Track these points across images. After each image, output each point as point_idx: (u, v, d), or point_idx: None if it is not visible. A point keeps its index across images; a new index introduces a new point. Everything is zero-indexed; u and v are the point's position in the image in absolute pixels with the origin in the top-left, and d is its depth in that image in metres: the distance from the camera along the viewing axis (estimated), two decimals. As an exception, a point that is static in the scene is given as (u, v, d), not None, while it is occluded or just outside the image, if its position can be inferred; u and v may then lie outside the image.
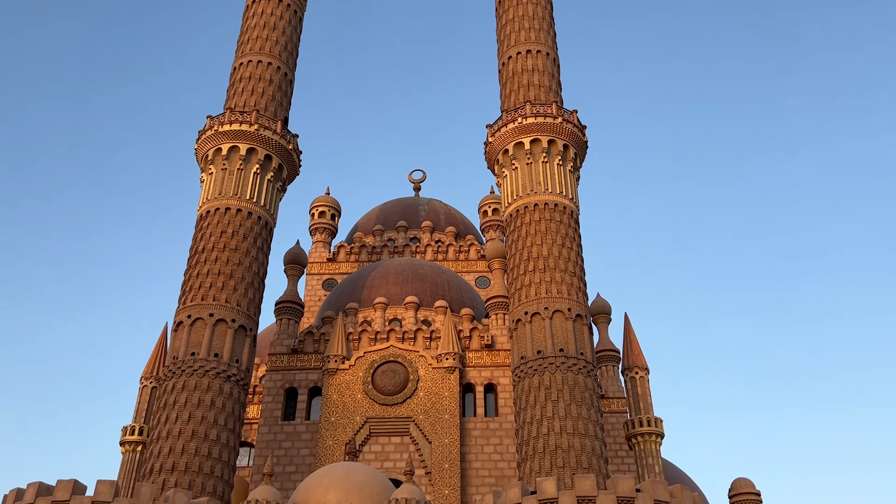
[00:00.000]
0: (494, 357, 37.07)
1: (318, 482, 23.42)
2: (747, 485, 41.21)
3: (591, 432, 28.05)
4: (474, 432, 35.38)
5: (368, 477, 23.75)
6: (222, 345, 30.67)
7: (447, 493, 33.13)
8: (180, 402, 29.18)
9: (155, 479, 27.87)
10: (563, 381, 28.86)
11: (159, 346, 43.90)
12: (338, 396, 35.22)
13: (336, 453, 33.42)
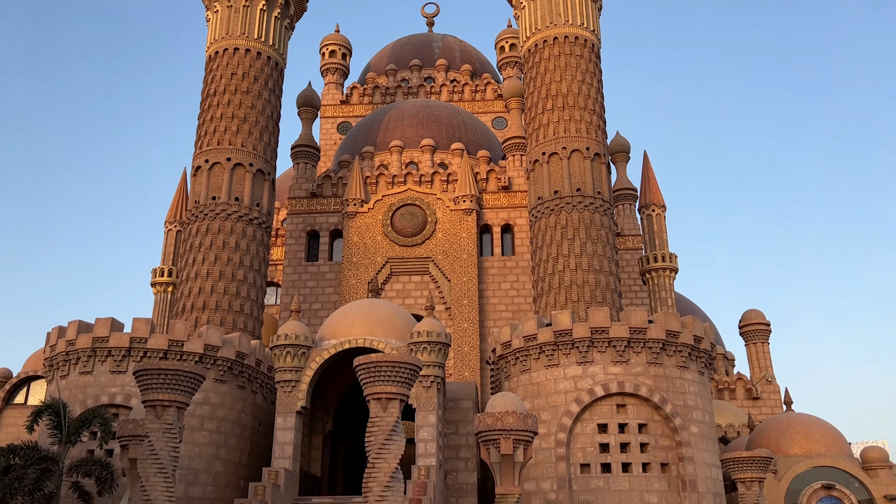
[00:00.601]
0: (511, 198, 37.25)
1: (343, 317, 24.47)
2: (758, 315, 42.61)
3: (606, 268, 28.68)
4: (491, 270, 36.34)
5: (391, 311, 24.75)
6: (242, 188, 31.01)
7: (466, 326, 34.62)
8: (206, 245, 30.02)
9: (188, 316, 29.29)
10: (579, 220, 29.13)
11: (180, 191, 44.49)
12: (358, 238, 35.97)
13: (359, 291, 34.65)
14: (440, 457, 22.68)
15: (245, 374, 26.00)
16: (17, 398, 35.71)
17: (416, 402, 22.30)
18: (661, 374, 23.21)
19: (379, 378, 13.80)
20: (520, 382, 24.89)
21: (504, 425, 17.66)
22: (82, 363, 24.45)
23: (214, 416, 24.70)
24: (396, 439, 13.70)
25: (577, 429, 23.08)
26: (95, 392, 24.04)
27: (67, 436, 20.26)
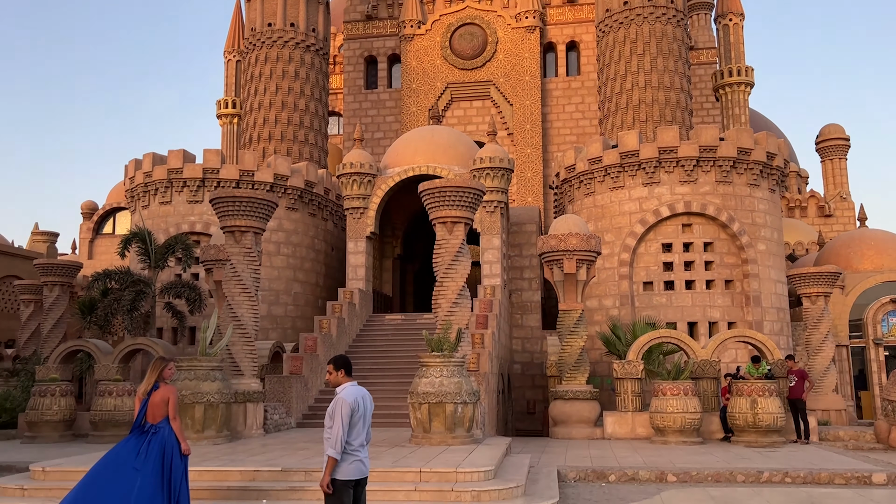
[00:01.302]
0: (577, 12, 35.17)
1: (405, 145, 24.50)
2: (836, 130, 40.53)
3: (677, 85, 27.40)
4: (555, 92, 35.23)
5: (453, 138, 24.59)
6: (296, 13, 30.20)
7: (529, 151, 34.26)
8: (265, 75, 29.90)
9: (255, 147, 29.88)
10: (650, 33, 27.47)
11: (236, 18, 43.61)
12: (417, 63, 35.05)
13: (419, 119, 34.33)
14: (505, 277, 23.43)
15: (315, 202, 26.79)
16: (104, 228, 38.00)
17: (481, 227, 22.73)
18: (730, 192, 22.78)
19: (444, 203, 14.01)
20: (584, 205, 24.91)
21: (567, 246, 17.97)
22: (160, 194, 25.59)
23: (289, 241, 25.88)
24: (462, 260, 14.14)
25: (640, 249, 23.28)
26: (176, 221, 25.34)
27: (155, 261, 21.67)
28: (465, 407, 12.22)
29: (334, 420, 6.05)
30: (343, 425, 6.01)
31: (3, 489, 9.33)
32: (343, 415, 6.03)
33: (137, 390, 7.67)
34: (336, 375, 6.31)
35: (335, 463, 6.00)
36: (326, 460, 6.00)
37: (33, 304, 25.19)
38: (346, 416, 6.05)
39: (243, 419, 14.18)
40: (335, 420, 6.04)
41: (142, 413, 7.46)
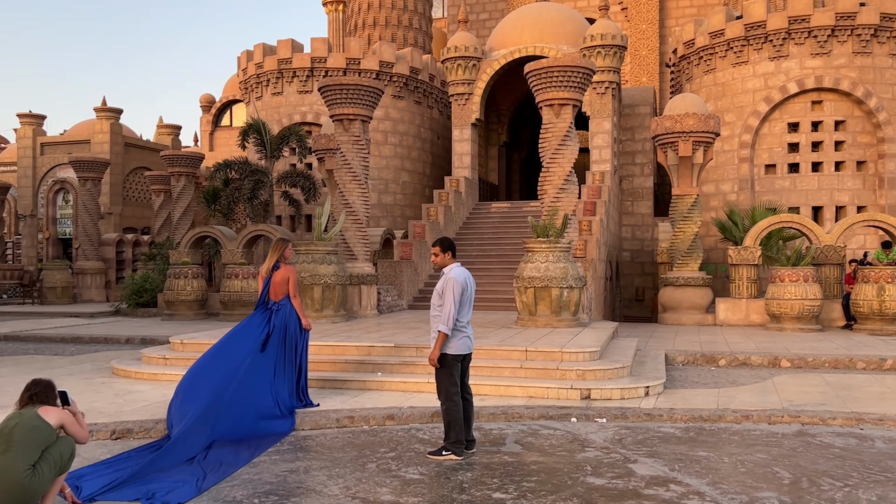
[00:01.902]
0: None
1: (511, 24, 23.60)
2: None
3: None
4: (674, -40, 32.53)
5: (562, 15, 23.43)
6: None
7: (644, 27, 32.25)
8: (368, -42, 29.22)
9: (360, 34, 29.69)
10: None
11: None
12: (524, -65, 33.11)
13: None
14: (615, 163, 22.75)
15: (420, 89, 26.60)
16: (222, 121, 39.48)
17: (590, 110, 21.94)
18: (868, 64, 20.70)
19: (551, 84, 13.54)
20: (703, 84, 23.43)
21: (683, 127, 17.10)
22: (272, 85, 26.14)
23: (396, 130, 26.03)
24: (570, 144, 13.78)
25: (763, 129, 21.84)
26: (287, 111, 25.95)
27: (271, 151, 22.44)
28: (570, 291, 12.26)
29: (445, 298, 6.23)
30: (454, 302, 6.20)
31: (149, 358, 10.37)
32: (455, 293, 6.20)
33: (260, 270, 8.16)
34: (442, 257, 6.44)
35: (445, 339, 6.23)
36: (437, 336, 6.24)
37: (163, 193, 26.89)
38: (458, 295, 6.22)
39: (358, 300, 14.89)
40: (446, 298, 6.22)
41: (265, 291, 7.97)
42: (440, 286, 6.33)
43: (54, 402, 4.90)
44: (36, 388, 4.85)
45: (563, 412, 7.89)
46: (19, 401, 4.84)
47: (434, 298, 6.40)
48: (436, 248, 6.48)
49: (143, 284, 20.96)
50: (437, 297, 6.34)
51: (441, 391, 6.35)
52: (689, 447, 6.75)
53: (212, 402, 6.58)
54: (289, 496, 5.28)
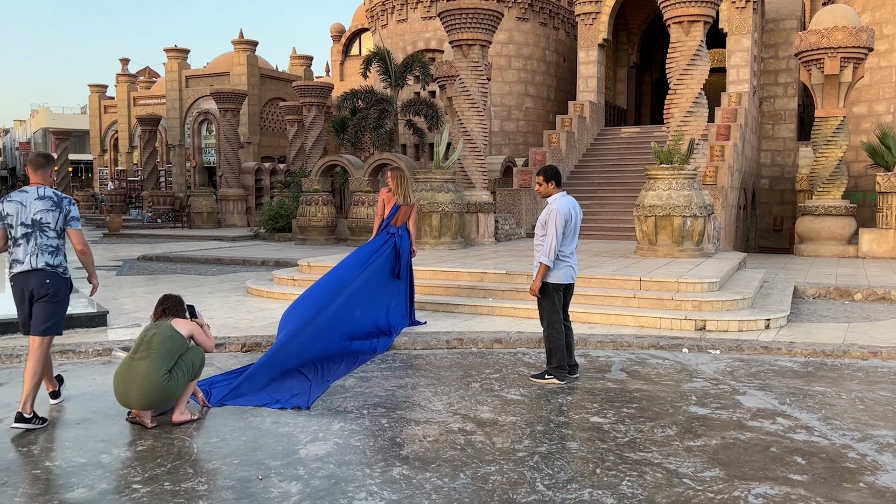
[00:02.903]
0: None
1: (644, -64, 22.19)
2: None
3: None
4: None
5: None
6: None
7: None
8: None
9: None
10: None
11: None
12: None
13: None
14: (754, 83, 21.23)
15: (545, 10, 25.77)
16: (352, 50, 40.16)
17: (728, 26, 20.46)
18: None
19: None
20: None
21: (830, 42, 15.65)
22: (397, 12, 26.21)
23: (520, 54, 25.50)
24: (699, 64, 12.98)
25: (929, 42, 19.57)
26: (412, 38, 26.02)
27: (395, 80, 22.70)
28: (694, 220, 11.80)
29: (547, 229, 6.23)
30: (557, 235, 6.19)
31: (279, 279, 11.11)
32: (557, 225, 6.19)
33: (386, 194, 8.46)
34: (546, 186, 6.40)
35: (546, 269, 6.27)
36: (539, 267, 6.28)
37: (296, 123, 28.03)
38: (560, 227, 6.21)
39: (476, 228, 15.08)
40: (548, 229, 6.22)
41: (391, 216, 8.36)
42: (544, 216, 6.32)
43: (184, 315, 5.44)
44: (167, 303, 5.39)
45: (675, 342, 7.77)
46: (153, 314, 5.41)
47: (538, 228, 6.41)
48: (539, 176, 6.44)
49: (279, 211, 22.19)
50: (541, 227, 6.34)
51: (543, 318, 6.43)
52: (804, 382, 6.49)
53: (307, 322, 6.99)
54: (395, 409, 5.62)
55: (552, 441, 4.92)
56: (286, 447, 4.74)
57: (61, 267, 5.25)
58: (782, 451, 4.78)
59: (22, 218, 5.14)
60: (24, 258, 5.14)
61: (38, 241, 5.14)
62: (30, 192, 5.20)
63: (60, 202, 5.23)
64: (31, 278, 5.14)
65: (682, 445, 4.88)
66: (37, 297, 5.16)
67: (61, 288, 5.25)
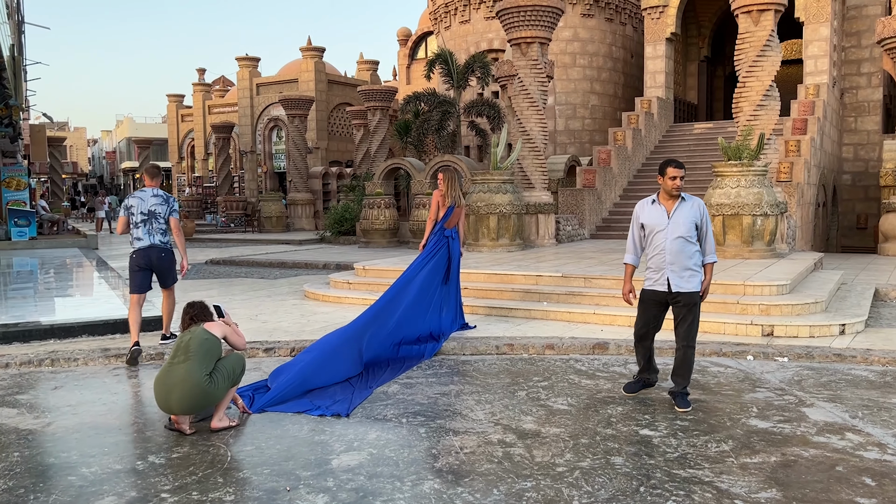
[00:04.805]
0: None
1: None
2: None
3: None
4: None
5: None
6: None
7: (880, -89, 27.62)
8: None
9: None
10: None
11: None
12: None
13: None
14: (834, 74, 20.13)
15: (612, 5, 25.18)
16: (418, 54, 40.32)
17: (805, 14, 19.46)
18: None
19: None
20: (951, -27, 19.77)
21: (917, 27, 14.64)
22: (460, 13, 26.12)
23: (585, 51, 24.99)
24: (770, 55, 12.35)
25: None
26: (475, 39, 25.88)
27: (457, 81, 22.59)
28: (764, 219, 11.21)
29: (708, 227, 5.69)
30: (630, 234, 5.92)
31: (335, 282, 11.13)
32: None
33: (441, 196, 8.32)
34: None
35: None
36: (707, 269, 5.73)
37: (362, 127, 28.29)
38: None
39: (535, 229, 14.78)
40: (709, 228, 5.69)
41: (445, 218, 8.23)
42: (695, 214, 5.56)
43: (212, 318, 5.45)
44: (193, 310, 5.41)
45: (739, 349, 7.34)
46: (181, 324, 5.43)
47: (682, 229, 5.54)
48: (681, 169, 5.55)
49: (344, 214, 22.42)
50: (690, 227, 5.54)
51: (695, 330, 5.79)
52: (881, 393, 5.99)
53: (360, 330, 6.91)
54: (435, 418, 5.46)
55: (596, 455, 4.66)
56: (319, 456, 4.65)
57: (169, 243, 7.51)
58: (849, 470, 4.38)
59: (141, 209, 7.33)
60: (144, 237, 7.35)
61: (153, 225, 7.36)
62: (147, 191, 7.45)
63: (168, 199, 7.50)
64: (151, 252, 7.36)
65: (737, 462, 4.54)
66: (156, 264, 7.40)
67: (171, 257, 7.56)
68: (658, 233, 5.58)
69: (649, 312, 5.82)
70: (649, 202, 5.72)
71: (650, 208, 5.67)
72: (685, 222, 5.53)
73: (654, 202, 5.68)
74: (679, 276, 5.58)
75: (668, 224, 5.56)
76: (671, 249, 5.54)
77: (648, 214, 5.66)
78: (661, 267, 5.62)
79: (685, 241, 5.54)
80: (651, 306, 5.79)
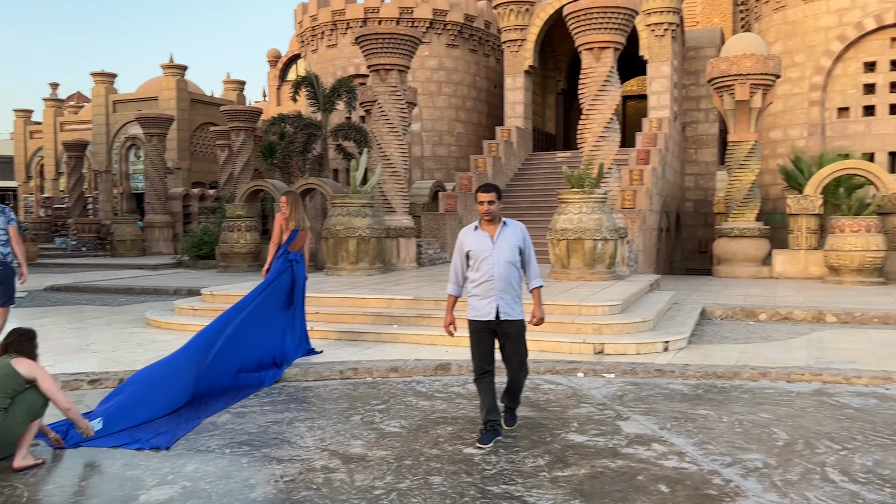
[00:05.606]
0: None
1: (567, -34, 22.69)
2: None
3: None
4: None
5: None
6: None
7: (716, -37, 30.35)
8: None
9: (416, -17, 29.17)
10: None
11: None
12: None
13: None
14: (675, 109, 21.76)
15: (475, 37, 26.03)
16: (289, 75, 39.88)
17: (648, 53, 20.96)
18: (958, -5, 18.90)
19: (590, 26, 12.92)
20: (772, 23, 21.98)
21: (740, 69, 16.14)
22: (327, 37, 26.11)
23: (450, 80, 25.64)
24: (610, 90, 13.19)
25: (836, 70, 20.38)
26: (342, 64, 25.93)
27: (323, 104, 22.49)
28: (605, 244, 11.89)
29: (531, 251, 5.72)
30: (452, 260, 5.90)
31: (180, 308, 10.71)
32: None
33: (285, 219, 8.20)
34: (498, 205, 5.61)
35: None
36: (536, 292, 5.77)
37: (227, 148, 27.51)
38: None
39: (396, 253, 14.92)
40: (531, 251, 5.73)
41: (289, 242, 8.14)
42: (517, 238, 5.53)
43: (32, 353, 5.08)
44: (12, 337, 5.05)
45: (571, 367, 7.71)
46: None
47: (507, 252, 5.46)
48: (492, 193, 5.49)
49: (203, 237, 21.63)
50: (514, 250, 5.48)
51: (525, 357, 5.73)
52: (690, 405, 6.48)
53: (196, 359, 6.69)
54: (261, 447, 5.36)
55: (416, 476, 4.74)
56: (127, 492, 4.44)
57: (9, 256, 7.75)
58: (648, 479, 4.70)
59: None
60: None
61: None
62: None
63: (4, 210, 7.88)
64: None
65: (549, 476, 4.76)
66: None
67: (11, 271, 7.68)
68: (484, 259, 5.40)
69: (484, 343, 5.53)
70: (472, 229, 5.54)
71: (474, 235, 5.49)
72: (509, 247, 5.42)
73: (476, 228, 5.51)
74: (508, 304, 5.44)
75: (493, 249, 5.39)
76: (500, 275, 5.38)
77: (473, 241, 5.47)
78: (489, 294, 5.40)
79: (512, 266, 5.43)
80: (484, 336, 5.52)
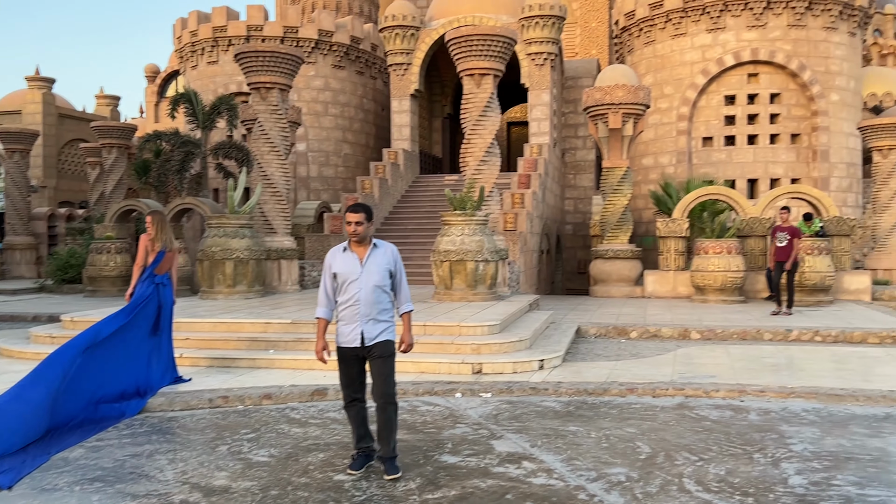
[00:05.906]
0: None
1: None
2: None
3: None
4: (623, -70, 32.16)
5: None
6: None
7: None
8: (308, -77, 28.34)
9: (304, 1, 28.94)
10: None
11: None
12: None
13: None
14: (555, 135, 22.56)
15: (362, 59, 26.03)
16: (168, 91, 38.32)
17: (529, 82, 21.65)
18: (802, 37, 20.73)
19: (470, 53, 13.21)
20: (643, 56, 23.30)
21: (612, 99, 16.95)
22: (207, 54, 25.36)
23: (337, 101, 25.48)
24: (491, 115, 13.52)
25: (701, 102, 21.82)
26: (224, 81, 25.23)
27: (203, 122, 21.75)
28: (486, 265, 12.08)
29: (403, 274, 5.48)
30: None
31: (36, 336, 9.95)
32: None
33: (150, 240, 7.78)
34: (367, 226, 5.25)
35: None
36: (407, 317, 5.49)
37: (98, 166, 26.05)
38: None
39: (278, 275, 14.55)
40: (403, 274, 5.50)
41: (155, 264, 7.71)
42: (388, 261, 5.27)
43: None
44: None
45: (450, 388, 7.73)
46: None
47: (375, 276, 5.21)
48: (361, 214, 5.18)
49: (69, 260, 20.31)
50: (384, 274, 5.24)
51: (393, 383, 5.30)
52: (562, 422, 6.63)
53: (53, 389, 6.23)
54: (116, 482, 5.02)
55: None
56: (-46, 541, 4.03)
57: None
58: (517, 497, 4.75)
59: None
60: None
61: None
62: None
63: None
64: None
65: (419, 499, 4.71)
66: None
67: None
68: (352, 282, 5.13)
69: (352, 370, 5.26)
70: (340, 250, 5.27)
71: (342, 256, 5.22)
72: (379, 270, 5.16)
73: (345, 250, 5.23)
74: (373, 328, 5.14)
75: (361, 272, 5.13)
76: (366, 300, 5.11)
77: (341, 263, 5.20)
78: (355, 319, 5.12)
79: (381, 290, 5.17)
80: (352, 363, 5.24)
